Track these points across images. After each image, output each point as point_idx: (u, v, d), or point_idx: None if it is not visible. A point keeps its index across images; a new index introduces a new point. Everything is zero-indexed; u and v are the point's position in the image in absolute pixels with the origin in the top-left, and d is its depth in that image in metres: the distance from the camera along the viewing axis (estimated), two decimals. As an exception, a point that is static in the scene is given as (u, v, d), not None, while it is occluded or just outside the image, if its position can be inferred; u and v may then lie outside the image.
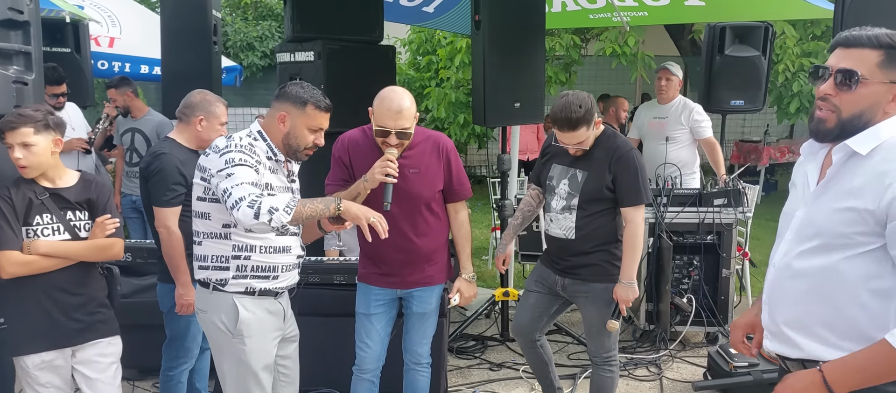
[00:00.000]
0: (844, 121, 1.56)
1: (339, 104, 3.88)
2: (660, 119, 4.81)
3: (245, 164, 2.18)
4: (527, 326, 3.12)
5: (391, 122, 2.51)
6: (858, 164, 1.54)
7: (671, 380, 3.90)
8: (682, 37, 9.09)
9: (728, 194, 4.26)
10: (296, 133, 2.31)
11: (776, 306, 1.69)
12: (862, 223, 1.50)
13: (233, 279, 2.31)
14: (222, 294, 2.31)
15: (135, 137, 4.74)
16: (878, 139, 1.53)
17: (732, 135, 10.75)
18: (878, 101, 1.54)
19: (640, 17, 6.34)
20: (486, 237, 7.27)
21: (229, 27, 11.63)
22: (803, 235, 1.62)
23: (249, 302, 2.33)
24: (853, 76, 1.52)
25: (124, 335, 2.50)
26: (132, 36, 6.33)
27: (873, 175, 1.50)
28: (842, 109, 1.56)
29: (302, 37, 3.99)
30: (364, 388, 2.85)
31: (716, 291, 4.32)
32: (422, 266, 2.75)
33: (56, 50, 4.96)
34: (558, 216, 2.90)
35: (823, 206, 1.59)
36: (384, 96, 2.56)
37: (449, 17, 6.20)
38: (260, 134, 2.32)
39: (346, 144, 2.71)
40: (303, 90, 2.32)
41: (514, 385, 3.85)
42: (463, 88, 9.02)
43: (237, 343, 2.31)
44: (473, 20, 3.94)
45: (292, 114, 2.30)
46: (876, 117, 1.55)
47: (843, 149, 1.56)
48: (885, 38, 1.53)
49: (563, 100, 2.73)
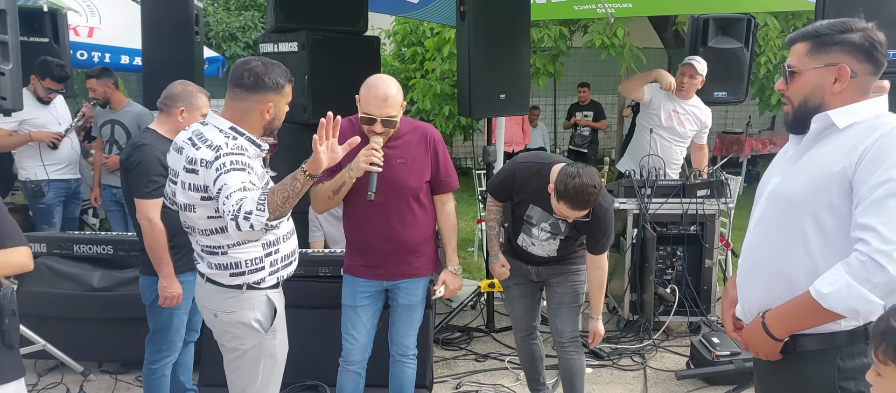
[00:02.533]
0: (796, 108, 1.72)
1: (323, 95, 3.89)
2: (677, 113, 4.56)
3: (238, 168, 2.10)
4: (524, 318, 3.19)
5: (377, 109, 2.50)
6: (834, 136, 1.64)
7: (655, 369, 3.93)
8: (665, 29, 9.13)
9: (711, 185, 4.30)
10: (279, 115, 2.28)
11: (745, 286, 1.82)
12: (830, 183, 1.60)
13: (268, 275, 2.28)
14: (256, 292, 2.27)
15: (114, 129, 4.68)
16: (856, 116, 1.63)
17: (715, 126, 10.77)
18: (819, 85, 1.67)
19: (625, 8, 6.36)
20: (472, 229, 7.27)
21: (211, 17, 11.50)
22: (776, 204, 1.73)
23: (276, 295, 2.33)
24: (790, 71, 1.71)
25: (106, 329, 2.49)
26: (112, 25, 6.23)
27: (847, 147, 1.60)
28: (792, 99, 1.72)
29: (285, 27, 3.95)
30: (350, 380, 2.84)
31: (699, 282, 4.36)
32: (408, 258, 2.74)
33: (33, 40, 4.88)
34: (542, 242, 2.97)
35: (797, 170, 1.70)
36: (371, 84, 2.54)
37: (433, 8, 6.17)
38: (234, 130, 2.19)
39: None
40: (271, 73, 2.19)
41: (500, 376, 3.86)
42: (448, 80, 9.01)
43: (269, 339, 2.31)
44: (459, 11, 3.92)
45: (275, 101, 2.23)
46: (824, 99, 1.66)
47: (823, 118, 1.66)
48: (811, 30, 1.67)
49: (577, 181, 2.56)
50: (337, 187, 2.56)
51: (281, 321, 2.36)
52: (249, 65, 2.19)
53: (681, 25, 8.27)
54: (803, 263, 1.63)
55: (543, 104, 11.02)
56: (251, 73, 2.17)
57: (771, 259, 1.71)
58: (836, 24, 1.64)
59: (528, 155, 3.06)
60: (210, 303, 2.31)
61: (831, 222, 1.60)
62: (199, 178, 2.13)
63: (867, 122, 1.61)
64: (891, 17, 2.72)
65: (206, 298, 2.33)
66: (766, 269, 1.72)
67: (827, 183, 1.60)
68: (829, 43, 1.64)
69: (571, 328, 3.05)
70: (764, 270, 1.74)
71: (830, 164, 1.60)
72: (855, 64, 1.62)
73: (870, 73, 1.64)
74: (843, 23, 1.64)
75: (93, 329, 3.54)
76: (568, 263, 3.03)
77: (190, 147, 2.17)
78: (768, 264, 1.72)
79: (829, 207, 1.60)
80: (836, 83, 1.64)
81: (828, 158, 1.62)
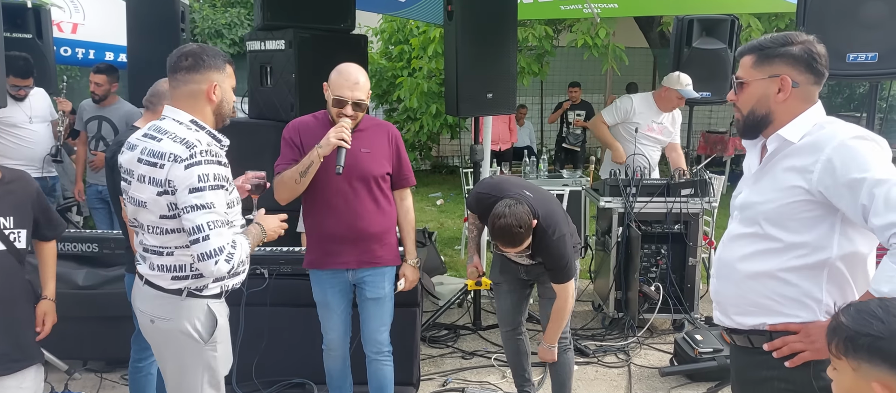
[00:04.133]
0: (745, 117, 1.82)
1: (310, 93, 3.88)
2: (657, 124, 4.69)
3: (219, 185, 2.00)
4: (510, 314, 3.22)
5: (348, 92, 2.64)
6: (790, 151, 1.73)
7: (639, 366, 3.98)
8: (651, 29, 9.21)
9: (695, 185, 4.36)
10: (227, 98, 2.15)
11: (722, 291, 1.90)
12: (799, 195, 1.69)
13: (212, 283, 2.15)
14: (197, 299, 2.14)
15: (102, 126, 4.64)
16: (806, 127, 1.73)
17: (700, 125, 10.96)
18: (764, 94, 1.77)
19: (611, 8, 6.41)
20: (459, 227, 7.30)
21: (197, 14, 11.42)
22: (745, 217, 1.82)
23: (218, 306, 2.19)
24: (737, 82, 1.81)
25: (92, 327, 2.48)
26: (96, 22, 6.19)
27: (805, 161, 1.68)
28: (741, 108, 1.82)
29: (272, 25, 3.94)
30: (336, 364, 2.93)
31: (683, 280, 4.41)
32: (371, 246, 2.79)
33: (17, 35, 4.83)
34: (516, 256, 3.01)
35: (761, 189, 1.78)
36: (341, 70, 2.69)
37: (421, 7, 6.18)
38: (195, 124, 2.07)
39: (296, 127, 2.82)
40: (209, 52, 2.10)
41: (487, 373, 3.89)
42: (435, 78, 9.01)
43: (209, 350, 2.17)
44: (446, 10, 3.94)
45: (219, 80, 2.11)
46: (770, 108, 1.76)
47: (777, 139, 1.75)
48: (756, 44, 1.78)
49: (502, 221, 2.68)
50: (304, 169, 2.63)
51: (223, 334, 2.21)
52: (184, 49, 2.11)
53: (666, 26, 8.35)
54: (768, 269, 1.75)
55: (530, 103, 11.06)
56: (188, 55, 2.08)
57: (740, 266, 1.81)
58: (778, 38, 1.75)
59: (485, 183, 3.15)
60: (147, 307, 2.17)
61: (791, 231, 1.70)
62: (161, 172, 1.99)
63: (811, 135, 1.71)
64: (868, 21, 2.78)
65: (143, 301, 2.19)
66: (737, 275, 1.82)
67: (787, 195, 1.70)
68: (771, 55, 1.74)
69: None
70: (735, 277, 1.83)
71: (790, 179, 1.70)
72: (796, 75, 1.73)
73: (811, 83, 1.74)
74: (784, 36, 1.75)
75: (78, 327, 3.50)
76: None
77: (149, 141, 2.04)
78: (737, 270, 1.82)
79: (790, 217, 1.70)
80: (780, 93, 1.74)
81: (788, 174, 1.71)
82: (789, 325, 1.74)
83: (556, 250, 2.83)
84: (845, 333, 1.27)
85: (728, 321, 1.88)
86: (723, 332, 1.98)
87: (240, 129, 4.14)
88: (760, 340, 1.79)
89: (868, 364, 1.23)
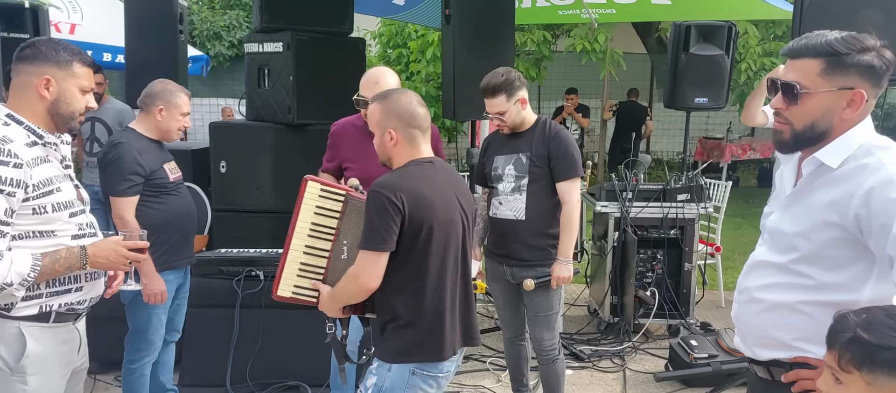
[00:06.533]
0: (798, 132, 1.55)
1: (308, 95, 3.89)
2: None
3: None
4: (512, 322, 3.22)
5: (368, 91, 2.71)
6: (828, 179, 1.53)
7: (634, 371, 3.98)
8: (649, 34, 9.24)
9: (691, 190, 4.36)
10: (67, 98, 1.90)
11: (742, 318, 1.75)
12: (833, 233, 1.51)
13: (23, 301, 1.82)
14: (4, 321, 1.82)
15: (95, 126, 4.64)
16: (848, 150, 1.51)
17: (697, 131, 10.98)
18: (830, 109, 1.51)
19: (608, 14, 6.44)
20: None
21: (196, 16, 11.43)
22: (776, 245, 1.65)
23: (40, 331, 1.86)
24: (794, 89, 1.51)
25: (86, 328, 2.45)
26: (94, 22, 6.18)
27: (843, 191, 1.49)
28: (793, 122, 1.55)
29: (270, 27, 3.94)
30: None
31: (678, 285, 4.42)
32: None
33: (14, 36, 4.80)
34: (509, 198, 2.98)
35: (794, 217, 1.60)
36: (369, 71, 2.86)
37: (419, 10, 6.20)
38: (11, 117, 1.85)
39: (337, 131, 2.97)
40: (55, 46, 1.90)
41: (482, 377, 3.89)
42: (433, 82, 9.02)
43: (16, 382, 1.83)
44: (443, 14, 3.95)
45: (58, 77, 1.88)
46: (833, 124, 1.52)
47: (813, 162, 1.55)
48: (825, 46, 1.49)
49: (492, 71, 2.91)
50: None
51: (39, 366, 1.86)
52: (33, 39, 1.95)
53: (664, 31, 8.38)
54: (789, 301, 1.60)
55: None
56: (30, 45, 1.89)
57: (760, 295, 1.66)
58: (851, 42, 1.48)
59: None
60: None
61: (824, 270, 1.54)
62: None
63: (859, 157, 1.50)
64: (864, 28, 2.78)
65: None
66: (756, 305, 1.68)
67: (821, 232, 1.52)
68: (847, 64, 1.47)
69: (549, 336, 3.06)
70: (754, 308, 1.69)
71: (825, 214, 1.51)
72: (868, 88, 1.49)
73: (875, 97, 1.52)
74: (857, 40, 1.49)
75: (72, 328, 3.50)
76: (538, 264, 2.96)
77: None
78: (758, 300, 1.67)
79: (823, 256, 1.53)
80: (848, 109, 1.49)
81: (824, 209, 1.52)
82: (809, 359, 1.58)
83: (565, 139, 2.91)
84: (863, 348, 1.23)
85: (747, 352, 1.75)
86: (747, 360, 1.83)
87: (237, 131, 4.15)
88: (780, 373, 1.67)
89: (887, 377, 1.21)
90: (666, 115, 10.13)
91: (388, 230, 1.86)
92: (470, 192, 2.22)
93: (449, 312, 2.00)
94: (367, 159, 2.73)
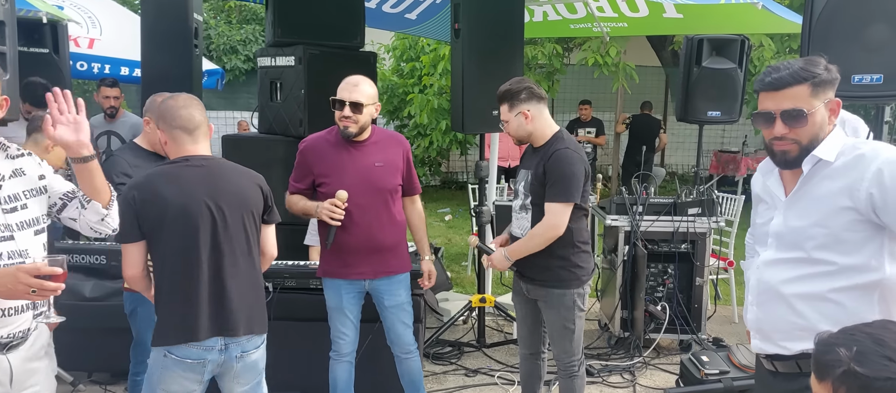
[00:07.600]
0: (805, 147, 1.78)
1: (319, 109, 3.92)
2: None
3: None
4: (528, 337, 3.18)
5: (346, 93, 2.75)
6: (829, 173, 1.75)
7: (644, 387, 3.94)
8: (663, 48, 9.22)
9: (702, 204, 4.33)
10: None
11: (765, 318, 1.87)
12: (848, 216, 1.71)
13: None
14: None
15: (111, 140, 4.72)
16: (838, 145, 1.76)
17: (712, 145, 10.92)
18: (823, 120, 1.80)
19: (620, 28, 6.43)
20: (466, 244, 7.29)
21: (213, 30, 11.60)
22: (785, 243, 1.82)
23: None
24: (801, 114, 1.75)
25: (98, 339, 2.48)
26: (112, 37, 6.29)
27: (849, 180, 1.71)
28: (801, 139, 1.77)
29: (283, 41, 4.00)
30: (344, 369, 2.99)
31: (689, 300, 4.38)
32: (386, 257, 2.90)
33: (33, 50, 4.91)
34: (518, 215, 2.99)
35: (801, 213, 1.79)
36: (347, 77, 2.83)
37: (431, 25, 6.24)
38: None
39: (307, 147, 2.93)
40: None
41: (490, 391, 3.87)
42: (445, 95, 9.07)
43: None
44: (453, 28, 3.98)
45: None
46: (824, 131, 1.79)
47: (812, 159, 1.77)
48: (804, 73, 1.76)
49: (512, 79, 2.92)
50: (303, 211, 2.87)
51: None
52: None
53: (678, 44, 8.34)
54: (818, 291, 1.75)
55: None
56: None
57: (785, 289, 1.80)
58: (818, 64, 1.77)
59: None
60: None
61: (842, 254, 1.71)
62: None
63: (847, 154, 1.74)
64: (872, 44, 2.77)
65: None
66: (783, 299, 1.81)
67: (836, 218, 1.71)
68: (825, 81, 1.76)
69: (565, 353, 3.01)
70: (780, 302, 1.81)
71: (837, 200, 1.71)
72: (834, 96, 1.79)
73: None
74: (820, 62, 1.77)
75: (84, 339, 3.54)
76: (550, 285, 2.92)
77: None
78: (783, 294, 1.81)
79: (840, 240, 1.71)
80: (832, 116, 1.78)
81: (833, 196, 1.73)
82: None
83: (561, 157, 2.76)
84: (859, 381, 1.21)
85: (772, 347, 1.85)
86: (762, 359, 1.94)
87: (249, 144, 4.20)
88: (808, 365, 1.67)
89: None
90: (681, 128, 10.08)
91: (130, 224, 2.12)
92: (241, 190, 2.25)
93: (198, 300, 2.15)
94: (342, 172, 2.78)
